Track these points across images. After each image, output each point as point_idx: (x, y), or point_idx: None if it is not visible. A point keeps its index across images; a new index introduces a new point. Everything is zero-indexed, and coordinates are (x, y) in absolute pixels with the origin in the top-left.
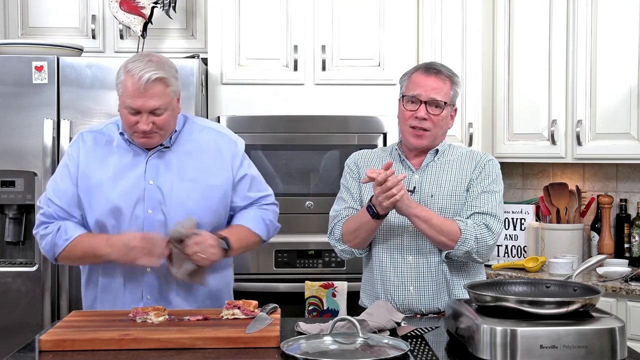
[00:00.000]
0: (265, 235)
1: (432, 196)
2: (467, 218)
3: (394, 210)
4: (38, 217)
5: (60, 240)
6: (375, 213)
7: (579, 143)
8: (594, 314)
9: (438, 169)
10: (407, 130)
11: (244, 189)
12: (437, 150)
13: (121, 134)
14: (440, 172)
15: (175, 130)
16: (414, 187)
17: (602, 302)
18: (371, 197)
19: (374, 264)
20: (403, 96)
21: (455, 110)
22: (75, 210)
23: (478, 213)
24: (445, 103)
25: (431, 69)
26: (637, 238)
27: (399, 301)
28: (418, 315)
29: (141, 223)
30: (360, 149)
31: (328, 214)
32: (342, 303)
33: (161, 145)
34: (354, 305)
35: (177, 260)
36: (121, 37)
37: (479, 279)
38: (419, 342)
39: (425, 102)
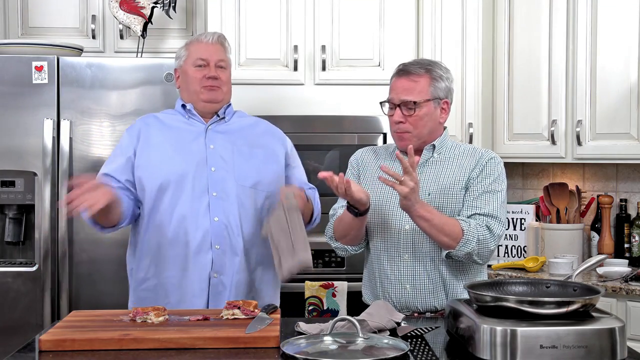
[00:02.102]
0: (316, 211)
1: (429, 194)
2: (468, 218)
3: (391, 209)
4: None
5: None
6: (356, 212)
7: (579, 143)
8: (594, 314)
9: (437, 166)
10: (393, 134)
11: (302, 176)
12: (433, 146)
13: (183, 106)
14: (439, 170)
15: (230, 104)
16: None
17: (602, 302)
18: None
19: (373, 261)
20: (381, 103)
21: (446, 102)
22: (123, 175)
23: (479, 214)
24: (415, 102)
25: (401, 70)
26: (637, 238)
27: (396, 299)
28: (416, 314)
29: (205, 180)
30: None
31: (328, 213)
32: (342, 303)
33: (217, 116)
34: (354, 305)
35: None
36: (121, 37)
37: (479, 279)
38: (419, 342)
39: (399, 105)
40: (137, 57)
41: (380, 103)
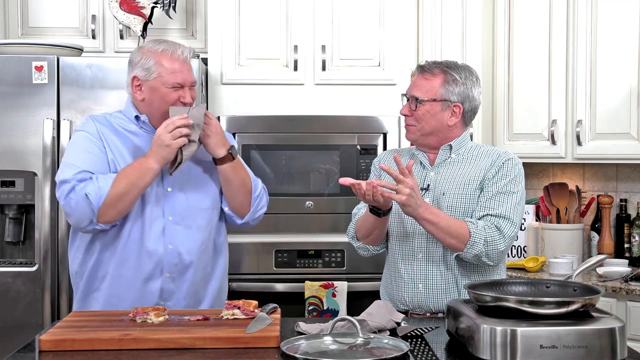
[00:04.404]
0: (256, 190)
1: (443, 194)
2: (479, 219)
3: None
4: (63, 188)
5: (102, 182)
6: (380, 212)
7: (579, 143)
8: (594, 314)
9: (454, 166)
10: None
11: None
12: (450, 146)
13: (137, 117)
14: (455, 170)
15: None
16: (428, 185)
17: (602, 302)
18: None
19: (390, 260)
20: (402, 95)
21: (457, 106)
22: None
23: (490, 215)
24: (418, 99)
25: (419, 66)
26: (637, 238)
27: (409, 298)
28: (428, 314)
29: (162, 201)
30: (361, 149)
31: (328, 213)
32: (342, 303)
33: None
34: (354, 305)
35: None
36: (121, 37)
37: (493, 279)
38: (419, 342)
39: (409, 99)
40: None
41: (402, 95)
